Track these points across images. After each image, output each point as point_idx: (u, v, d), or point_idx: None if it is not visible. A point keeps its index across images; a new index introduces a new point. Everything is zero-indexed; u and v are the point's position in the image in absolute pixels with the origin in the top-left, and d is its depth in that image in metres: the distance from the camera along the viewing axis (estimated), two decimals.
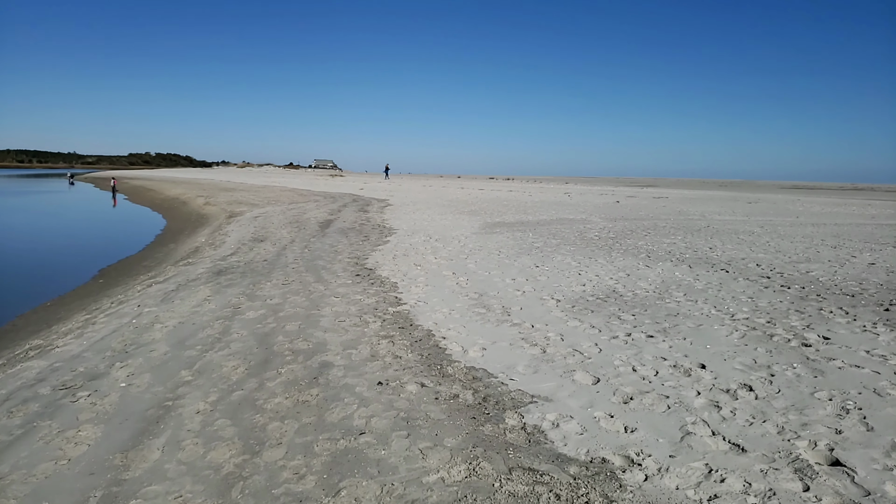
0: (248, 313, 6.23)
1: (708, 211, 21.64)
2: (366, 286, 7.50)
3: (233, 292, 7.40)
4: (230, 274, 8.85)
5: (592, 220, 17.33)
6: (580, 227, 14.85)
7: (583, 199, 29.27)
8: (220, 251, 12.00)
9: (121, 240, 18.52)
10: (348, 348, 4.88)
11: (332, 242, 12.22)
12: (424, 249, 10.79)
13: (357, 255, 10.35)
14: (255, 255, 10.82)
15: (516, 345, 4.87)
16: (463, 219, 17.41)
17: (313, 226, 15.87)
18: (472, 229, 14.50)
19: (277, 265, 9.44)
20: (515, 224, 15.89)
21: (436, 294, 6.94)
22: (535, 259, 9.53)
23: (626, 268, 8.65)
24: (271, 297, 7.01)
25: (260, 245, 12.24)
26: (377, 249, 10.96)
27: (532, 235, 13.03)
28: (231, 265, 9.76)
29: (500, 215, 18.79)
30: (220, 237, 14.83)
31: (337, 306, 6.41)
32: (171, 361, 4.72)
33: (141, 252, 15.51)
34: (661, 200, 28.40)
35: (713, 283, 7.42)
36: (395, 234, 13.48)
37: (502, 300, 6.53)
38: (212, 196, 31.82)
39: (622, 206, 23.53)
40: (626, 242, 11.68)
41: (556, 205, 24.14)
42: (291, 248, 11.57)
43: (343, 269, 8.90)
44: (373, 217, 18.37)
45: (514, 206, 22.82)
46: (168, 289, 8.10)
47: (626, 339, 5.01)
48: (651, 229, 14.42)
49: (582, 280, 7.66)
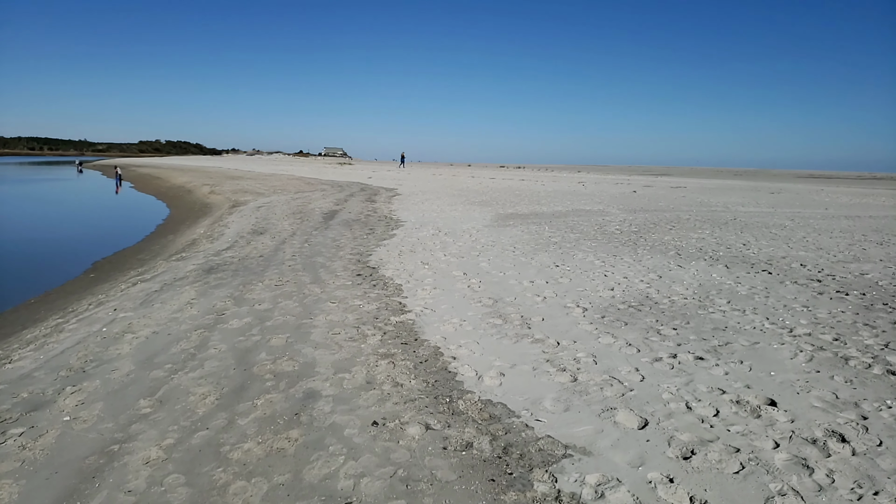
0: (231, 322, 5.49)
1: (730, 202, 20.60)
2: (367, 288, 6.73)
3: (220, 294, 6.67)
4: (221, 272, 8.13)
5: (610, 211, 16.42)
6: (598, 220, 13.97)
7: (598, 188, 28.26)
8: (216, 244, 11.30)
9: (121, 230, 17.93)
10: (340, 371, 4.12)
11: (334, 236, 11.47)
12: (433, 245, 9.99)
13: (360, 250, 9.58)
14: (252, 249, 10.10)
15: (541, 369, 4.08)
16: (474, 210, 16.58)
17: (317, 217, 15.13)
18: (484, 221, 13.67)
19: (273, 262, 8.71)
20: (529, 216, 15.04)
21: (445, 299, 6.15)
22: (553, 257, 8.70)
23: (655, 268, 7.81)
24: (261, 301, 6.26)
25: (258, 238, 11.52)
26: (382, 244, 10.18)
27: (548, 229, 12.18)
28: (224, 261, 9.04)
29: (513, 206, 17.93)
30: (220, 229, 14.14)
31: (332, 314, 5.65)
32: (132, 386, 4.00)
33: (139, 244, 14.88)
34: (679, 190, 27.33)
35: (758, 288, 6.56)
36: (403, 227, 12.70)
37: (521, 308, 5.73)
38: (217, 185, 31.20)
39: (639, 197, 22.54)
40: (651, 237, 10.80)
41: (571, 195, 23.20)
42: (291, 242, 10.83)
43: (343, 267, 8.13)
44: (380, 208, 17.59)
45: (526, 196, 21.93)
46: (152, 289, 7.39)
47: (672, 361, 4.20)
48: (675, 222, 13.51)
49: (609, 283, 6.83)
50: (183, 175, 43.07)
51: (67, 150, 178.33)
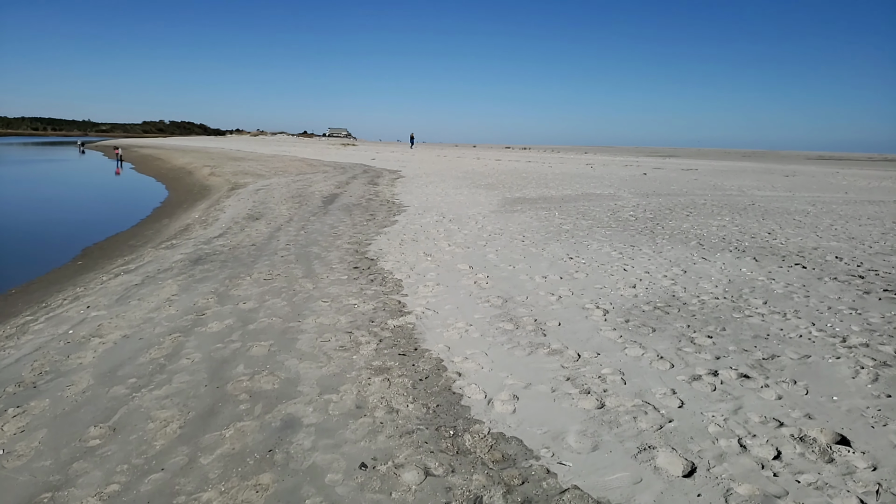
0: (211, 324, 4.93)
1: (745, 185, 19.81)
2: (364, 284, 6.14)
3: (203, 290, 6.10)
4: (209, 263, 7.56)
5: (622, 195, 15.71)
6: (611, 205, 13.28)
7: (606, 170, 27.45)
8: (208, 231, 10.73)
9: (117, 213, 17.40)
10: (327, 391, 3.55)
11: (333, 222, 10.86)
12: (436, 233, 9.37)
13: (359, 239, 8.98)
14: (245, 237, 9.52)
15: (561, 390, 3.49)
16: (480, 194, 15.90)
17: (316, 201, 14.52)
18: (491, 207, 13.02)
19: (265, 252, 8.12)
20: (538, 200, 14.36)
21: (449, 298, 5.56)
22: (566, 247, 8.07)
23: (678, 260, 7.17)
24: (246, 298, 5.69)
25: (253, 225, 10.93)
26: (383, 232, 9.57)
27: (559, 215, 11.52)
28: (214, 250, 8.47)
29: (520, 189, 17.23)
30: (215, 213, 13.57)
31: (324, 315, 5.07)
32: (86, 407, 3.45)
33: (133, 228, 14.34)
34: (690, 173, 26.48)
35: (795, 286, 5.92)
36: (405, 213, 12.07)
37: (534, 309, 5.13)
38: (218, 166, 30.56)
39: (650, 180, 21.76)
40: (669, 225, 10.13)
41: (580, 177, 22.44)
42: (287, 228, 10.24)
43: (340, 258, 7.54)
44: (382, 191, 16.94)
45: (534, 179, 21.20)
46: (132, 282, 6.84)
47: (713, 381, 3.60)
48: (691, 208, 12.81)
49: (630, 279, 6.21)
50: (184, 156, 42.40)
51: (71, 131, 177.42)
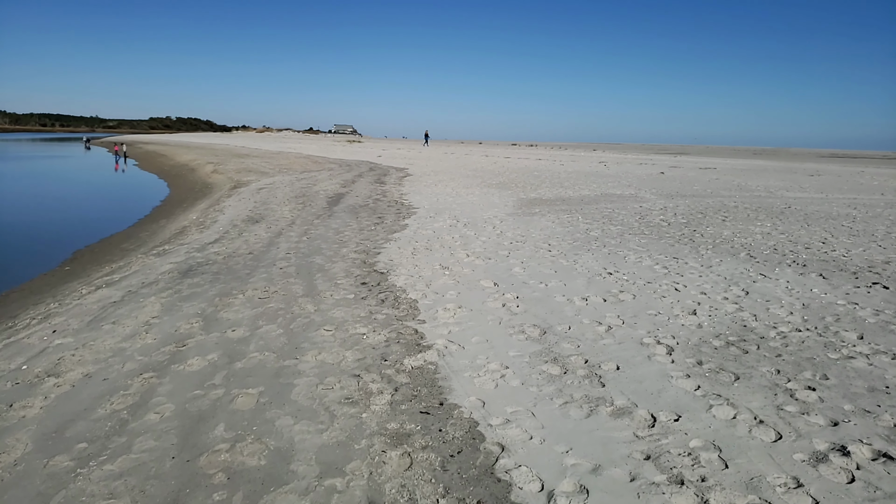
0: (192, 360, 4.07)
1: (771, 185, 18.79)
2: (373, 306, 5.26)
3: (189, 311, 5.26)
4: (199, 275, 6.72)
5: (645, 196, 14.77)
6: (636, 208, 12.36)
7: (621, 169, 26.45)
8: (204, 235, 9.91)
9: (115, 213, 16.66)
10: (329, 472, 2.67)
11: (338, 226, 10.01)
12: (452, 240, 8.49)
13: (367, 246, 8.11)
14: (242, 243, 8.68)
15: (643, 478, 2.58)
16: (493, 194, 15.00)
17: (321, 201, 13.67)
18: (507, 208, 12.12)
19: (262, 262, 7.27)
20: (556, 202, 13.45)
21: (475, 326, 4.67)
22: (601, 259, 7.16)
23: (734, 277, 6.24)
24: (237, 323, 4.83)
25: (252, 228, 10.09)
26: (392, 238, 8.70)
27: (582, 219, 10.61)
28: (207, 259, 7.63)
29: (535, 189, 16.32)
30: (213, 214, 12.75)
31: (326, 349, 4.20)
32: (11, 492, 2.60)
33: (128, 229, 13.56)
34: (709, 172, 25.44)
35: (887, 313, 4.99)
36: (415, 215, 11.20)
37: (581, 345, 4.23)
38: (222, 163, 29.82)
39: (669, 179, 20.77)
40: (708, 232, 9.20)
41: (595, 176, 21.48)
42: (288, 233, 9.39)
43: (346, 271, 6.67)
44: (390, 190, 16.07)
45: (547, 178, 20.26)
46: (111, 298, 6.00)
47: (844, 463, 2.68)
48: (724, 211, 11.87)
49: (686, 302, 5.29)
50: (189, 152, 41.73)
51: (79, 127, 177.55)
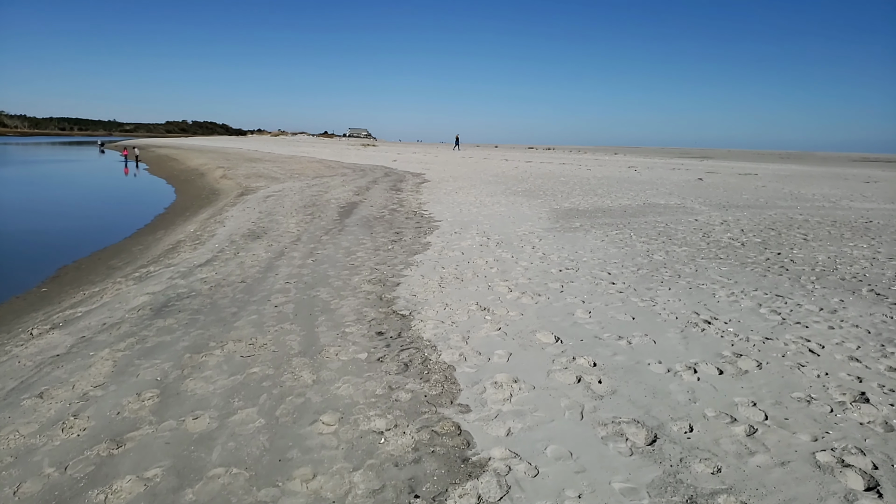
0: (121, 482, 2.68)
1: (829, 194, 17.02)
2: (393, 375, 3.82)
3: (145, 376, 3.89)
4: (175, 314, 5.36)
5: (694, 206, 13.18)
6: (691, 221, 10.80)
7: (654, 174, 24.78)
8: (196, 254, 8.60)
9: (115, 221, 15.55)
10: None
11: (349, 244, 8.63)
12: (486, 265, 7.04)
13: (383, 273, 6.70)
14: (236, 266, 7.33)
15: None
16: (521, 203, 13.53)
17: (331, 212, 12.33)
18: (542, 222, 10.65)
19: (256, 295, 5.90)
20: (596, 213, 11.94)
21: (545, 421, 3.19)
22: (683, 295, 5.64)
23: (882, 330, 4.66)
24: (203, 404, 3.44)
25: (251, 246, 8.75)
26: (413, 262, 7.28)
27: (635, 236, 9.10)
28: (190, 289, 6.28)
29: (567, 198, 14.81)
30: (212, 227, 11.47)
31: (324, 467, 2.77)
32: None
33: (122, 242, 12.37)
34: (751, 178, 23.66)
35: None
36: (438, 230, 9.78)
37: (724, 470, 2.74)
38: (232, 167, 28.78)
39: (711, 186, 19.10)
40: (796, 255, 7.63)
41: (628, 183, 19.88)
42: (291, 254, 8.03)
43: (357, 311, 5.26)
44: (407, 199, 14.68)
45: (577, 185, 18.73)
46: (56, 349, 4.67)
47: None
48: (796, 226, 10.26)
49: (842, 376, 3.72)
50: (200, 157, 40.91)
51: (97, 131, 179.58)
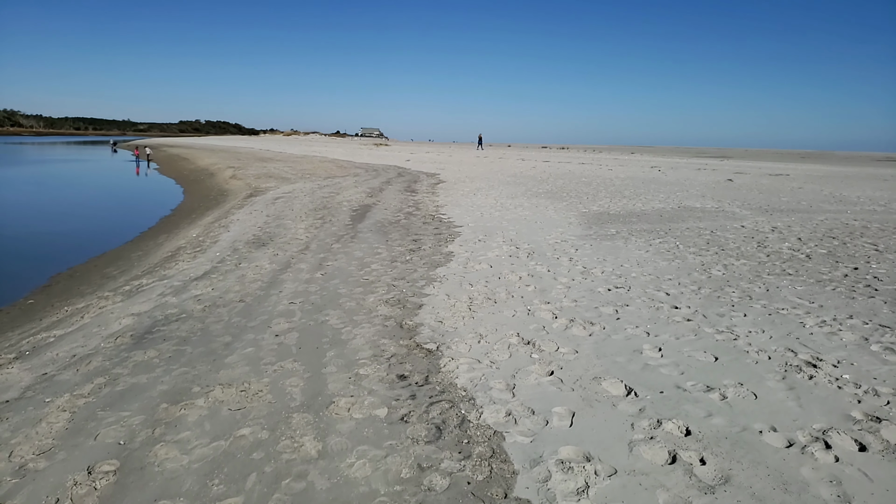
0: None
1: (877, 197, 15.77)
2: (423, 445, 2.90)
3: (104, 439, 3.03)
4: (158, 343, 4.51)
5: (734, 210, 12.14)
6: (737, 228, 9.78)
7: (679, 175, 23.65)
8: (194, 264, 7.78)
9: (118, 223, 14.88)
10: None
11: (363, 254, 7.75)
12: (520, 282, 6.12)
13: (402, 292, 5.80)
14: (235, 281, 6.48)
15: None
16: (546, 206, 12.58)
17: (343, 216, 11.47)
18: (573, 228, 9.69)
19: (254, 319, 5.03)
20: (630, 218, 10.95)
21: None
22: (767, 325, 4.66)
23: None
24: (176, 482, 2.56)
25: (255, 255, 7.92)
26: (436, 277, 6.37)
27: (682, 246, 8.11)
28: (181, 310, 5.44)
29: (594, 200, 13.82)
30: (216, 232, 10.67)
31: None
32: None
33: (123, 246, 11.66)
34: (784, 179, 22.44)
35: None
36: (460, 237, 8.88)
37: None
38: (243, 167, 28.13)
39: (745, 188, 17.97)
40: (878, 271, 6.57)
41: (654, 184, 18.81)
42: (298, 265, 7.18)
43: (373, 344, 4.36)
44: (423, 201, 13.79)
45: (601, 186, 17.71)
46: (6, 391, 3.83)
47: None
48: (860, 235, 9.20)
49: None
50: (211, 156, 40.42)
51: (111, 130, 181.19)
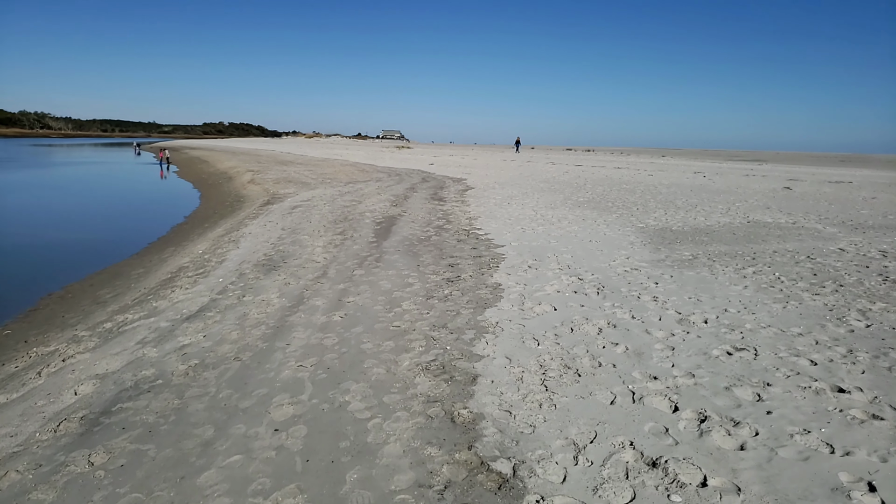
0: None
1: None
2: None
3: None
4: (112, 437, 3.17)
5: (818, 228, 10.47)
6: (837, 252, 8.16)
7: (728, 181, 21.82)
8: (191, 293, 6.50)
9: (128, 231, 13.92)
10: None
11: (391, 285, 6.38)
12: (601, 337, 4.65)
13: (444, 350, 4.39)
14: (234, 324, 5.15)
15: None
16: (594, 219, 11.06)
17: (366, 230, 10.14)
18: (637, 249, 8.19)
19: (251, 393, 3.67)
20: (697, 236, 9.39)
21: None
22: None
23: None
24: None
25: (263, 284, 6.60)
26: (486, 328, 4.93)
27: (785, 279, 6.55)
28: (158, 373, 4.11)
29: (647, 212, 12.26)
30: (225, 248, 9.44)
31: None
32: None
33: (127, 260, 10.54)
34: (847, 188, 20.45)
35: None
36: (504, 262, 7.45)
37: None
38: (262, 171, 27.15)
39: (810, 197, 16.16)
40: None
41: (705, 192, 17.09)
42: (313, 301, 5.83)
43: (413, 456, 2.95)
44: (453, 211, 12.40)
45: (647, 194, 16.08)
46: None
47: None
48: None
49: None
50: (232, 159, 39.69)
51: (137, 132, 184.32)
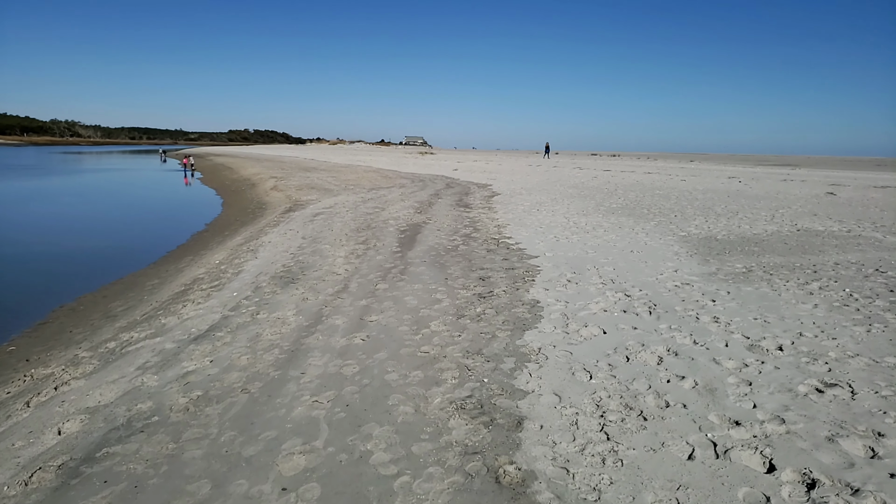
0: None
1: None
2: None
3: None
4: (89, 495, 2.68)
5: (877, 237, 9.61)
6: None
7: (765, 187, 20.80)
8: (203, 308, 6.06)
9: (148, 239, 13.64)
10: None
11: (418, 301, 5.84)
12: (661, 367, 4.02)
13: (482, 383, 3.81)
14: (246, 346, 4.66)
15: None
16: (631, 227, 10.38)
17: (390, 239, 9.64)
18: (685, 262, 7.50)
19: (256, 438, 3.14)
20: (747, 246, 8.64)
21: None
22: None
23: None
24: None
25: (280, 299, 6.13)
26: (528, 357, 4.34)
27: (857, 296, 5.79)
28: (155, 408, 3.63)
29: (687, 219, 11.51)
30: (243, 258, 9.03)
31: None
32: None
33: (143, 270, 10.20)
34: (893, 192, 19.32)
35: None
36: (541, 275, 6.85)
37: None
38: (285, 178, 27.01)
39: (859, 204, 15.14)
40: None
41: (744, 198, 16.19)
42: (332, 321, 5.31)
43: None
44: (480, 219, 11.83)
45: (684, 200, 15.28)
46: None
47: None
48: None
49: None
50: (255, 165, 39.81)
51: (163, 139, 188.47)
